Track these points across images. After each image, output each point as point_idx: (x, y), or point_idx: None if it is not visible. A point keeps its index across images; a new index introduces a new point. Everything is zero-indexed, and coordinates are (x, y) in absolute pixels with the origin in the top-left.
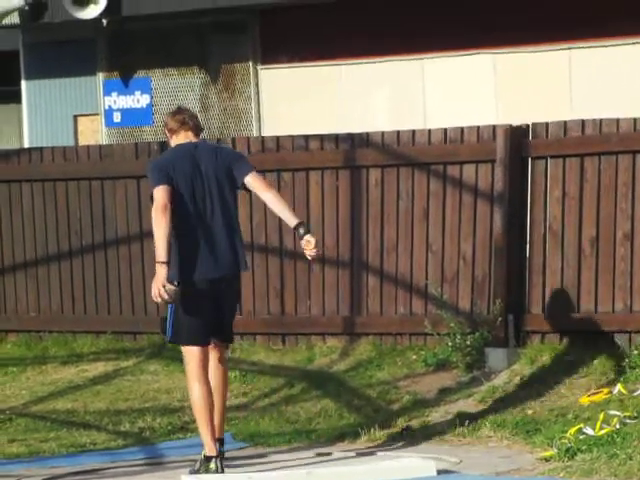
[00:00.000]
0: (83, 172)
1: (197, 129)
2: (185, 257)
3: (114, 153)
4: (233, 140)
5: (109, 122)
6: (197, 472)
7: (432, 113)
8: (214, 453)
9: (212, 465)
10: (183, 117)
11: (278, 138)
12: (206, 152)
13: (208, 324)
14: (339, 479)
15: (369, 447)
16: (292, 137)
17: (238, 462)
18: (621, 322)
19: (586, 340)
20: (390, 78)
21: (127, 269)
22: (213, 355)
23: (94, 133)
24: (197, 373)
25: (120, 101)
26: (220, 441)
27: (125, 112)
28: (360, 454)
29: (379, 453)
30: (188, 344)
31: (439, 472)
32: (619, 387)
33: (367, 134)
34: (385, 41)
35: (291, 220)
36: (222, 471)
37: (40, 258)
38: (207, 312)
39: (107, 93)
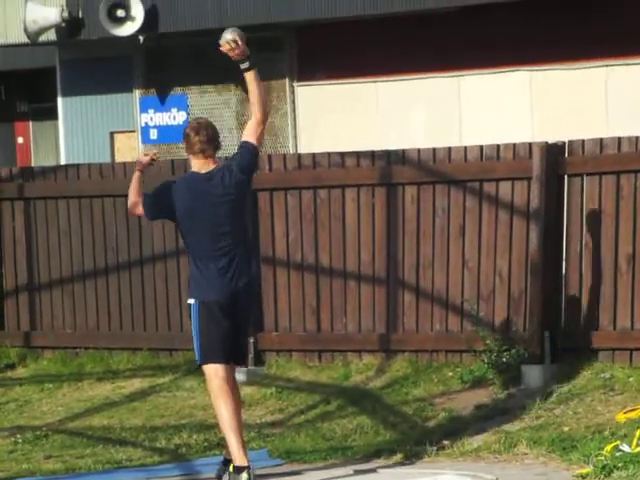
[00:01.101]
0: (119, 189)
1: (209, 148)
2: (196, 280)
3: (150, 170)
4: (269, 157)
5: (146, 139)
6: None
7: (468, 130)
8: (245, 463)
9: (244, 475)
10: (191, 144)
11: (314, 155)
12: (216, 180)
13: (227, 343)
14: None
15: (405, 464)
16: (328, 154)
17: (274, 479)
18: None
19: (622, 357)
20: (426, 95)
21: (163, 285)
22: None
23: (131, 150)
24: (223, 390)
25: (157, 118)
26: (229, 461)
27: (162, 129)
28: (396, 471)
29: (416, 470)
30: (211, 362)
31: None
32: None
33: (403, 151)
34: (421, 58)
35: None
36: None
37: (76, 274)
38: (225, 332)
39: (144, 110)
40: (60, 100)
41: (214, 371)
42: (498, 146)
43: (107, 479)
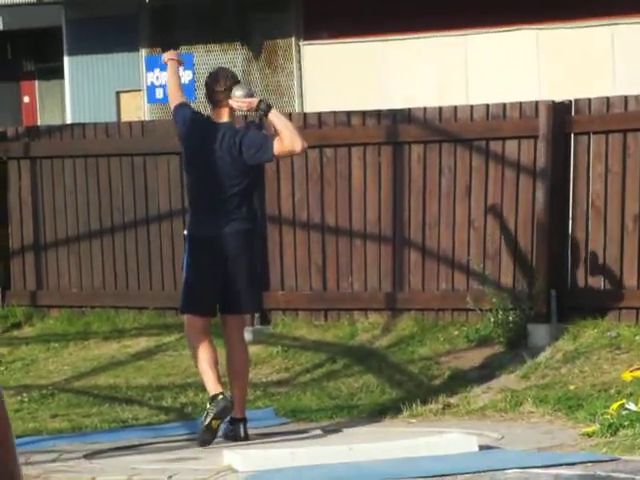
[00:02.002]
0: (125, 148)
1: (225, 99)
2: (191, 210)
3: (156, 129)
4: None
5: (151, 98)
6: (207, 417)
7: (475, 89)
8: (219, 390)
9: (220, 396)
10: (208, 94)
11: (320, 114)
12: (220, 134)
13: (212, 293)
14: (382, 454)
15: (411, 422)
16: (334, 113)
17: (280, 437)
18: None
19: (628, 316)
20: (433, 54)
21: (169, 245)
22: (227, 333)
23: (136, 109)
24: (196, 338)
25: (162, 77)
26: (243, 421)
27: (167, 88)
28: (401, 429)
29: (420, 428)
30: (190, 312)
31: (481, 447)
32: None
33: (409, 110)
34: (428, 17)
35: None
36: (247, 437)
37: (82, 234)
38: (213, 278)
39: (149, 69)
40: (66, 59)
41: (192, 322)
42: (504, 105)
43: (113, 438)
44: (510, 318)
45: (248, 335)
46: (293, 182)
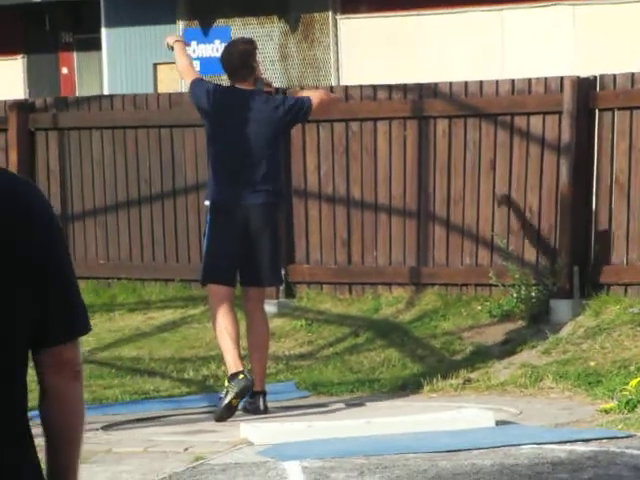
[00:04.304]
0: (153, 119)
1: (240, 71)
2: (214, 180)
3: (184, 101)
4: (302, 89)
5: None
6: (227, 395)
7: (510, 64)
8: (240, 368)
9: (240, 376)
10: (224, 68)
11: (346, 87)
12: (250, 98)
13: (234, 262)
14: (399, 428)
15: (431, 397)
16: (360, 87)
17: (300, 410)
18: None
19: None
20: (469, 29)
21: (196, 217)
22: (248, 306)
23: (173, 82)
24: (219, 309)
25: (200, 50)
26: (263, 394)
27: (204, 61)
28: (422, 404)
29: (440, 403)
30: (211, 281)
31: (498, 423)
32: None
33: (435, 84)
34: None
35: None
36: (266, 410)
37: (109, 205)
38: (233, 247)
39: (187, 41)
40: (103, 31)
41: (215, 291)
42: (529, 80)
43: (133, 409)
44: (533, 294)
45: (273, 308)
46: (319, 155)
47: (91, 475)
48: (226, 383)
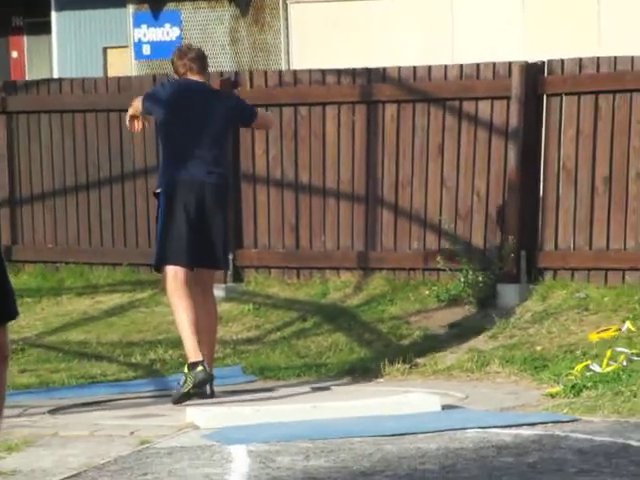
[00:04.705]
0: (102, 104)
1: (203, 70)
2: (167, 163)
3: (132, 85)
4: (251, 74)
5: (138, 55)
6: (185, 384)
7: (460, 48)
8: (199, 358)
9: (199, 368)
10: (189, 62)
11: (295, 72)
12: (205, 93)
13: (190, 243)
14: (345, 412)
15: (378, 382)
16: (309, 71)
17: (246, 395)
18: (632, 259)
19: (597, 277)
20: (420, 13)
21: (144, 202)
22: (197, 289)
23: (123, 66)
24: (178, 294)
25: (150, 34)
26: (210, 378)
27: (154, 45)
28: (367, 388)
29: (387, 388)
30: (170, 263)
31: (444, 407)
32: (628, 324)
33: (384, 69)
34: None
35: None
36: (213, 394)
37: (58, 189)
38: (188, 223)
39: (137, 25)
40: (54, 14)
41: (173, 273)
42: (478, 65)
43: (80, 393)
44: (480, 278)
45: (220, 292)
46: (267, 140)
47: (37, 458)
48: (186, 370)
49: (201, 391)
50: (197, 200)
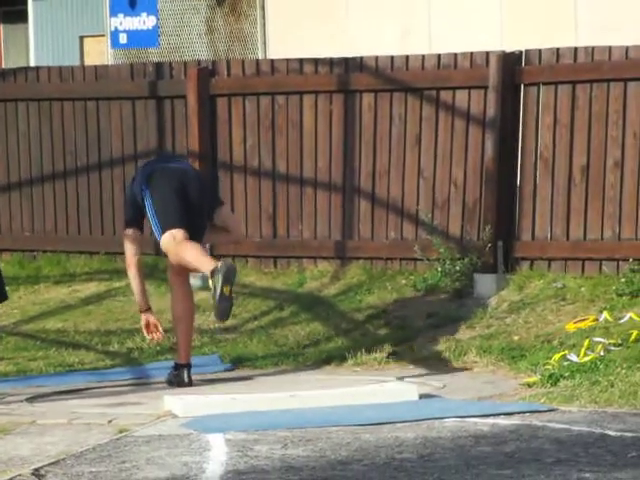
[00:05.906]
0: (79, 92)
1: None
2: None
3: (109, 74)
4: (228, 63)
5: (115, 43)
6: (215, 289)
7: (438, 38)
8: (217, 261)
9: (220, 264)
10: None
11: (272, 61)
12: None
13: (184, 216)
14: (322, 401)
15: (355, 371)
16: (287, 60)
17: (224, 383)
18: (609, 250)
19: (574, 267)
20: (397, 2)
21: (121, 190)
22: (178, 277)
23: (100, 54)
24: (181, 242)
25: (126, 22)
26: (187, 367)
27: (131, 34)
28: (345, 377)
29: (364, 377)
30: (168, 228)
31: (421, 396)
32: (605, 314)
33: (361, 58)
34: None
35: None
36: (190, 383)
37: (35, 178)
38: (179, 203)
39: (113, 14)
40: (30, 3)
41: (171, 235)
42: (455, 55)
43: (58, 382)
44: (457, 268)
45: (197, 281)
46: (245, 129)
47: (15, 446)
48: (210, 282)
49: (179, 379)
50: (184, 183)
